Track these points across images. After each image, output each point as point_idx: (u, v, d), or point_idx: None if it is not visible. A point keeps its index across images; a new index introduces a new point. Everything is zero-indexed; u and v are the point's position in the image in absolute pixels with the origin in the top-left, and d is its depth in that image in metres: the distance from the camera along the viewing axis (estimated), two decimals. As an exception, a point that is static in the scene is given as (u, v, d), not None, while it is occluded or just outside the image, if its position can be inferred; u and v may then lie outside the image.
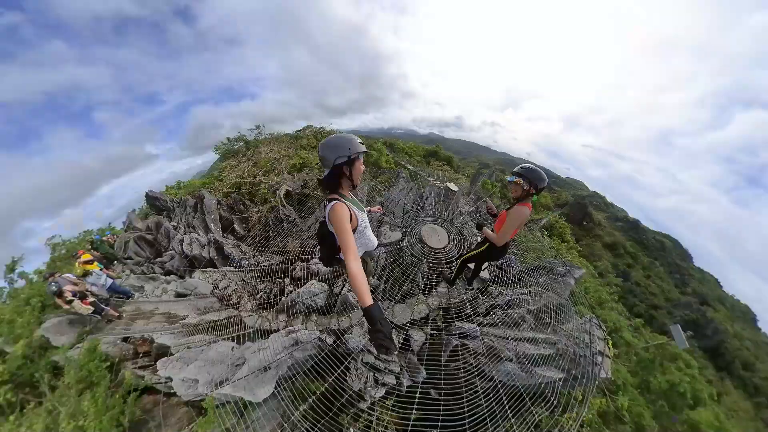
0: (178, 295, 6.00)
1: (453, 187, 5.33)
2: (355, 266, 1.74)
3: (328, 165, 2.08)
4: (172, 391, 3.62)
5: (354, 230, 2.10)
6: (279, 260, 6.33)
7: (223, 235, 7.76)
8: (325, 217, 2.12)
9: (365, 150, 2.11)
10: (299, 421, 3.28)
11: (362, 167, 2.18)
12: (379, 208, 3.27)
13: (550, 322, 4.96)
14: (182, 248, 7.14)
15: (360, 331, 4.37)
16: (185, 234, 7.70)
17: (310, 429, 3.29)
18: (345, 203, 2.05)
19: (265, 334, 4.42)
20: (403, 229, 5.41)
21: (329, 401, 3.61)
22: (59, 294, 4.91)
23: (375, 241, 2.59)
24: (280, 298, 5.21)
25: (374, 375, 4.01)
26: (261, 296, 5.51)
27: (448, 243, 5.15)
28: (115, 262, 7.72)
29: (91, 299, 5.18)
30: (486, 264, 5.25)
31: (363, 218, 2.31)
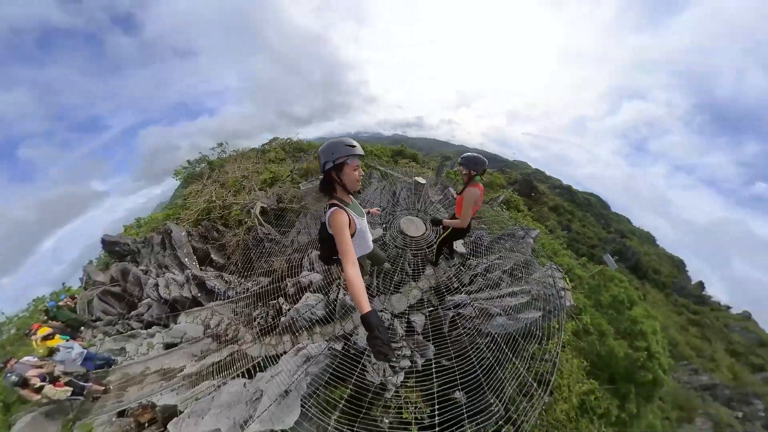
0: (168, 346, 5.30)
1: (421, 180, 5.39)
2: (353, 273, 1.67)
3: (321, 171, 2.01)
4: (194, 450, 3.23)
5: (352, 235, 2.03)
6: (268, 282, 5.91)
7: (201, 269, 6.95)
8: (325, 220, 2.04)
9: (353, 153, 1.93)
10: (336, 428, 3.17)
11: (355, 172, 2.00)
12: (377, 210, 3.20)
13: (522, 276, 5.38)
14: (159, 293, 6.27)
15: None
16: (158, 276, 6.76)
17: (349, 432, 3.20)
18: (344, 209, 1.96)
19: (274, 359, 4.14)
20: (384, 225, 5.36)
21: (358, 400, 3.54)
22: (23, 384, 4.00)
23: (371, 245, 2.53)
24: (279, 320, 4.89)
25: (390, 364, 4.01)
26: (258, 323, 5.12)
27: (426, 230, 5.23)
28: (82, 327, 6.53)
29: (65, 379, 4.30)
30: (461, 240, 5.51)
31: (362, 224, 2.23)
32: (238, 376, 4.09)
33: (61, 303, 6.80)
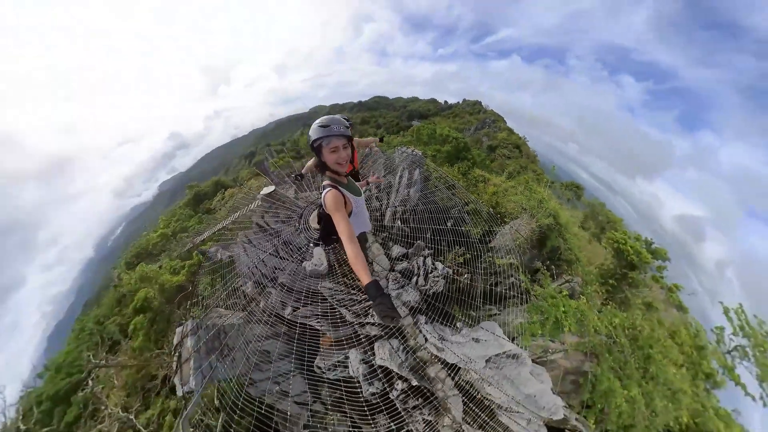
0: None
1: (267, 190, 4.33)
2: (353, 249, 1.56)
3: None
4: None
5: (349, 214, 1.92)
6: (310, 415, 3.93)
7: None
8: (322, 202, 1.88)
9: (325, 135, 1.69)
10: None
11: (333, 154, 1.74)
12: (378, 179, 3.55)
13: (397, 164, 6.06)
14: None
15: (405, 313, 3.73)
16: None
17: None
18: (339, 189, 1.80)
19: (429, 389, 3.01)
20: (300, 233, 4.39)
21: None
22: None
23: (369, 224, 2.41)
24: (362, 394, 3.36)
25: (432, 303, 3.74)
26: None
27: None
28: None
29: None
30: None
31: (358, 203, 2.08)
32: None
33: None
